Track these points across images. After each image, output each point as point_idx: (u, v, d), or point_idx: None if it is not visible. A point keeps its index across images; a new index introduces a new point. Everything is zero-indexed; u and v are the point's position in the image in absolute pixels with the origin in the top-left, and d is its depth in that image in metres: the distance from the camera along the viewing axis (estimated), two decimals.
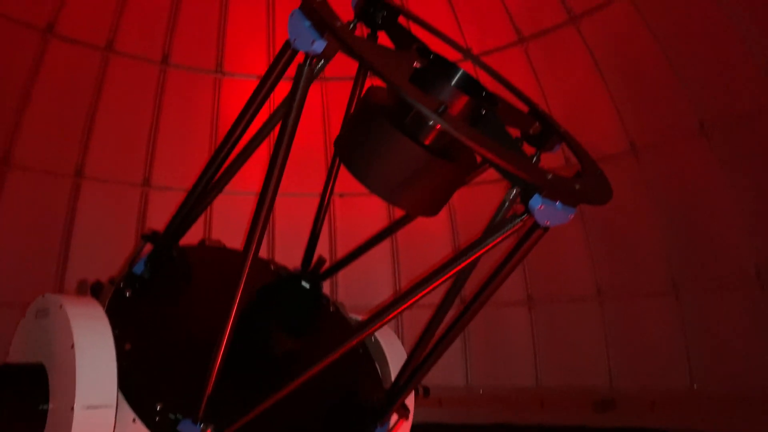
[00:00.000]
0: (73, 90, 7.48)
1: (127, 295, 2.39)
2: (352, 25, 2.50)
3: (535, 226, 2.03)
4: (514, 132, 2.63)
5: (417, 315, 3.58)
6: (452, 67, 2.29)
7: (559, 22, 7.14)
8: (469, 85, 2.28)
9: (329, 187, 2.97)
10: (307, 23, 2.08)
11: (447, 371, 8.08)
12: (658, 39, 6.60)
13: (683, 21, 6.57)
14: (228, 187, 2.91)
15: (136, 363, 2.23)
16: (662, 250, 7.15)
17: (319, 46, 2.05)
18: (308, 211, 8.58)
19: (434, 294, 2.19)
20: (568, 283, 7.96)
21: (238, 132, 2.41)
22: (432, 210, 2.30)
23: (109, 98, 7.65)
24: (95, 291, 2.51)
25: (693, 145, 6.70)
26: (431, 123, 1.93)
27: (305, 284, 2.86)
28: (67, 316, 2.19)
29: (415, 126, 2.07)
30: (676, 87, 6.63)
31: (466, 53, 2.87)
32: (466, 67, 2.34)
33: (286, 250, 7.34)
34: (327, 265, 2.95)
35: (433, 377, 2.72)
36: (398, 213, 2.86)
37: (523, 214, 2.02)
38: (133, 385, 2.19)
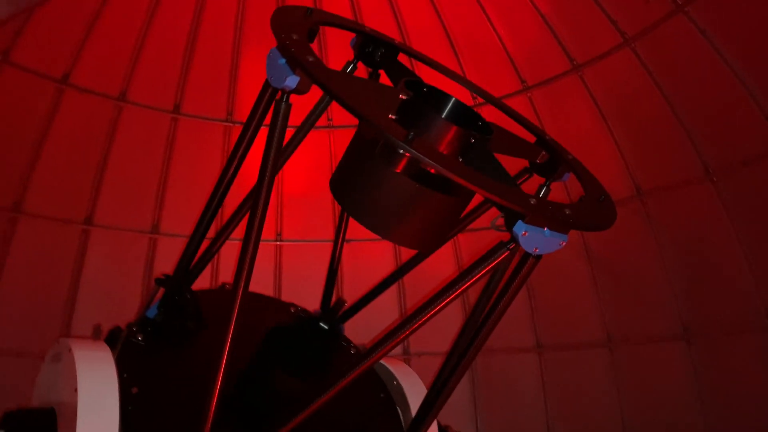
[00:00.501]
0: (85, 138, 7.63)
1: (139, 339, 2.41)
2: (352, 65, 2.57)
3: (527, 254, 1.99)
4: (523, 163, 2.65)
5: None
6: (441, 98, 2.30)
7: (563, 71, 7.28)
8: (462, 114, 2.29)
9: (342, 231, 3.00)
10: (282, 60, 2.12)
11: (457, 419, 7.93)
12: (661, 86, 6.71)
13: (684, 68, 6.69)
14: (235, 234, 2.97)
15: (141, 406, 2.22)
16: (671, 295, 7.10)
17: (292, 81, 2.09)
18: (315, 256, 8.66)
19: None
20: (577, 328, 7.89)
21: (230, 174, 2.45)
22: (426, 244, 2.27)
23: (120, 146, 7.80)
24: (112, 336, 2.53)
25: (699, 190, 6.73)
26: (401, 151, 1.90)
27: (323, 325, 2.86)
28: (74, 359, 2.21)
29: (390, 156, 2.06)
30: (680, 132, 6.71)
31: (466, 82, 2.90)
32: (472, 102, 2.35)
33: (294, 296, 7.30)
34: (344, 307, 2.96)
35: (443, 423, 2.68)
36: (405, 255, 2.87)
37: (509, 242, 1.98)
38: (137, 429, 2.18)
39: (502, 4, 7.26)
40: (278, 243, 8.67)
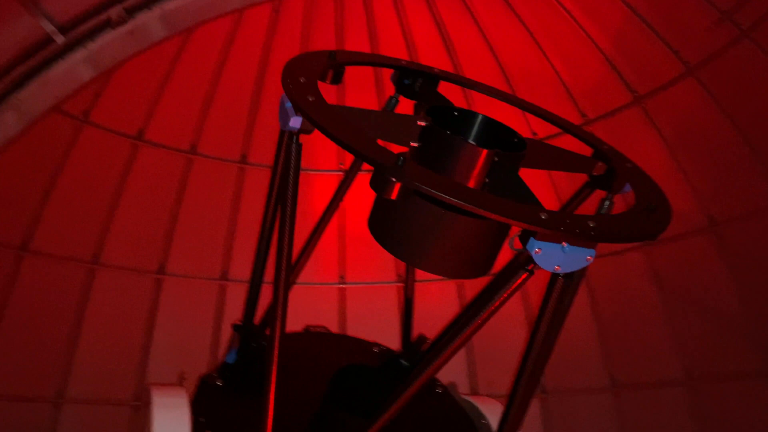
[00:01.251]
0: (158, 190, 7.99)
1: (218, 384, 2.49)
2: (394, 100, 2.61)
3: (555, 275, 1.86)
4: (583, 177, 2.57)
5: None
6: (467, 120, 2.28)
7: (624, 103, 7.17)
8: (493, 133, 2.25)
9: (409, 270, 3.03)
10: (289, 104, 2.18)
11: None
12: (729, 113, 6.51)
13: (753, 93, 6.48)
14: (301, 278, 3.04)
15: None
16: (753, 327, 6.77)
17: (296, 122, 2.15)
18: (381, 298, 8.64)
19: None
20: (580, 373, 7.68)
21: (269, 219, 2.50)
22: (465, 270, 2.19)
23: (190, 196, 8.11)
24: (204, 382, 2.63)
25: None
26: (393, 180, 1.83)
27: (404, 362, 2.85)
28: (152, 404, 2.31)
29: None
30: (752, 159, 6.46)
31: (512, 98, 2.88)
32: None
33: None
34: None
35: None
36: (469, 292, 2.86)
37: (528, 262, 1.87)
38: None
39: (556, 37, 7.24)
40: (341, 286, 8.75)
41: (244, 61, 7.67)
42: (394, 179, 1.78)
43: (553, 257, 1.80)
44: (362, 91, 7.62)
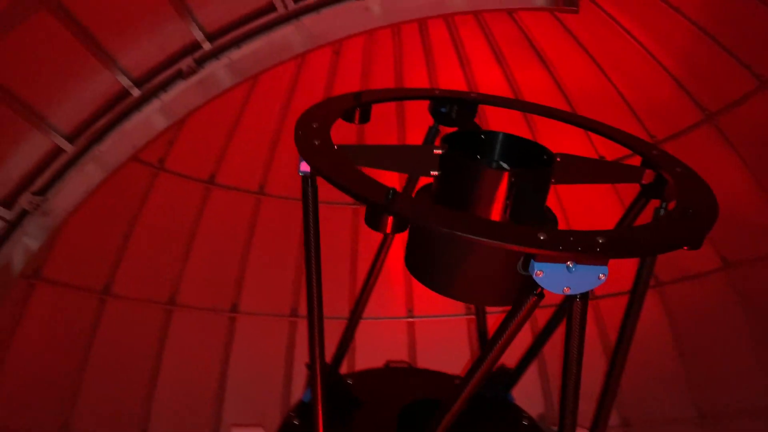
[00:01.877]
0: (229, 232, 8.24)
1: (296, 423, 2.52)
2: (434, 130, 2.63)
3: (570, 297, 1.78)
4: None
5: None
6: (489, 142, 2.27)
7: (695, 121, 6.94)
8: (519, 151, 2.23)
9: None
10: None
11: None
12: None
13: None
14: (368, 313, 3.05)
15: None
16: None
17: (305, 166, 2.24)
18: (450, 330, 8.55)
19: None
20: (665, 403, 7.40)
21: (313, 262, 2.52)
22: (491, 299, 2.14)
23: (260, 235, 8.32)
24: (284, 423, 2.67)
25: None
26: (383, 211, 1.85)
27: (488, 395, 2.82)
28: None
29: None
30: None
31: (560, 114, 2.81)
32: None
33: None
34: None
35: None
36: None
37: (536, 285, 1.79)
38: None
39: (617, 58, 7.11)
40: (410, 320, 8.71)
41: (308, 101, 7.86)
42: (384, 214, 1.81)
43: (559, 278, 1.73)
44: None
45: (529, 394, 7.95)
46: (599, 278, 1.73)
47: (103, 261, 7.48)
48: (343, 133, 2.62)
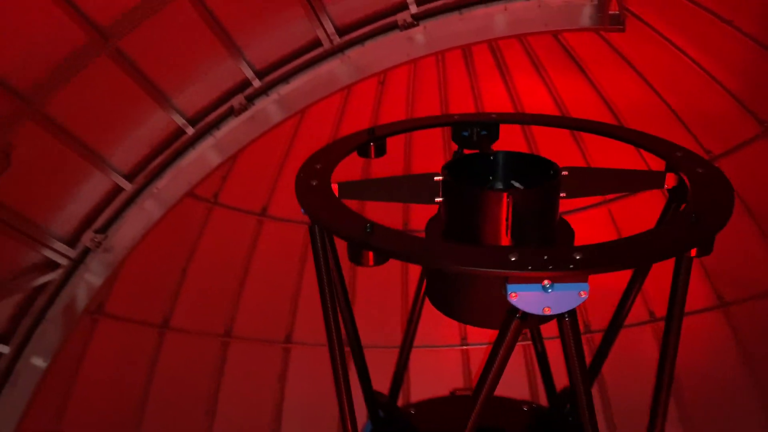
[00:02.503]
0: (283, 263, 8.35)
1: None
2: (459, 154, 2.62)
3: (561, 316, 1.75)
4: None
5: None
6: (494, 163, 2.27)
7: (753, 135, 6.72)
8: (524, 167, 2.22)
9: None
10: None
11: None
12: None
13: None
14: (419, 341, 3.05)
15: None
16: None
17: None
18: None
19: None
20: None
21: (335, 294, 2.57)
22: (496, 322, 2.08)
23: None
24: None
25: None
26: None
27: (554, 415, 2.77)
28: None
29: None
30: None
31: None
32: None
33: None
34: None
35: None
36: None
37: (514, 309, 1.76)
38: None
39: (667, 73, 6.98)
40: (464, 347, 8.60)
41: (355, 130, 8.00)
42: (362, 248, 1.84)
43: (536, 299, 1.69)
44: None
45: None
46: (580, 296, 1.68)
47: (161, 295, 7.68)
48: (351, 167, 2.71)
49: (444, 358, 8.36)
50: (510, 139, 2.82)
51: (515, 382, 7.45)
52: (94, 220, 6.49)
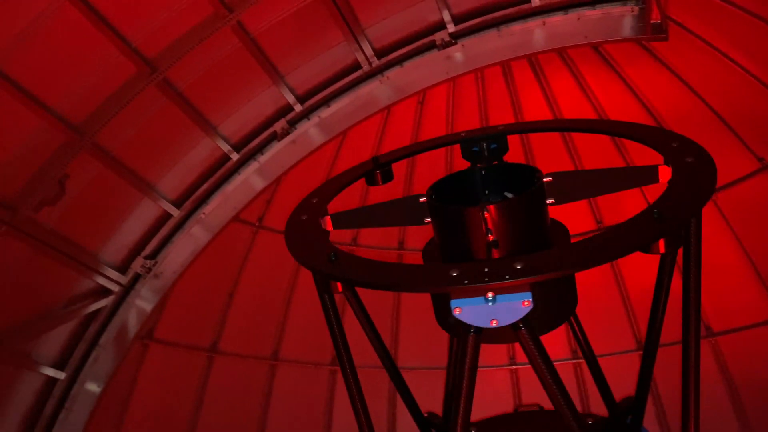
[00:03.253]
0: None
1: None
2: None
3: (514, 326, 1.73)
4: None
5: None
6: (474, 179, 2.32)
7: None
8: (514, 180, 2.24)
9: (581, 339, 2.94)
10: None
11: None
12: None
13: None
14: None
15: None
16: None
17: None
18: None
19: None
20: None
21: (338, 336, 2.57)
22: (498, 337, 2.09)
23: None
24: None
25: None
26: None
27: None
28: None
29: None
30: None
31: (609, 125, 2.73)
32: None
33: None
34: None
35: None
36: None
37: (469, 328, 1.74)
38: None
39: (713, 80, 6.81)
40: (513, 367, 8.45)
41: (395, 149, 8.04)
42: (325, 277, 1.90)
43: (481, 312, 1.67)
44: None
45: None
46: (523, 305, 1.66)
47: (209, 319, 7.78)
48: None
49: (492, 378, 8.23)
50: (551, 148, 2.81)
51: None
52: (144, 247, 6.64)
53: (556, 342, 8.07)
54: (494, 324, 1.74)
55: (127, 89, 5.50)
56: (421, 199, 2.32)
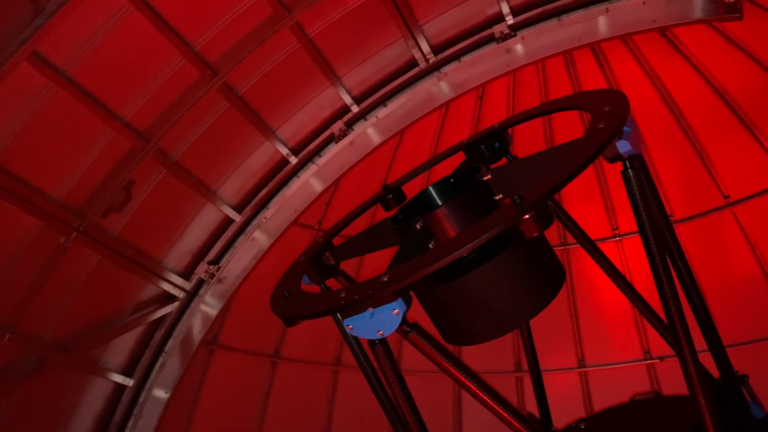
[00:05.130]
0: None
1: None
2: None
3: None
4: None
5: None
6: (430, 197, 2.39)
7: None
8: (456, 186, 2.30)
9: None
10: None
11: None
12: None
13: None
14: None
15: None
16: None
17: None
18: (624, 377, 7.90)
19: None
20: None
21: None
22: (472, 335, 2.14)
23: None
24: None
25: None
26: None
27: None
28: None
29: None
30: None
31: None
32: None
33: None
34: None
35: None
36: None
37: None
38: None
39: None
40: (581, 370, 8.17)
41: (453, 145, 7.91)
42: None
43: (367, 326, 1.79)
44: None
45: None
46: (394, 314, 1.77)
47: (273, 325, 7.75)
48: None
49: (562, 381, 7.97)
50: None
51: None
52: (207, 252, 6.67)
53: (629, 342, 7.78)
54: (381, 335, 1.85)
55: (189, 94, 5.53)
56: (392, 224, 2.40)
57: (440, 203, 2.39)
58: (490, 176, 2.24)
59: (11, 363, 5.37)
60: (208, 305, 6.72)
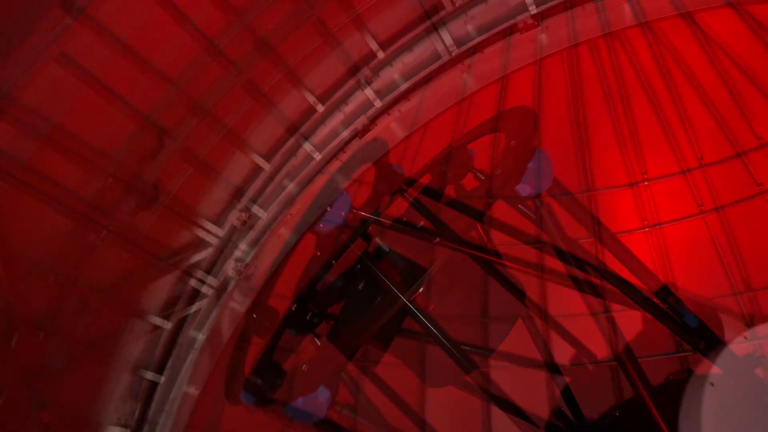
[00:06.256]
0: None
1: None
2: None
3: None
4: None
5: None
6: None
7: None
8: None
9: None
10: None
11: None
12: None
13: None
14: None
15: None
16: None
17: None
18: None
19: None
20: None
21: None
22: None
23: None
24: None
25: None
26: None
27: None
28: None
29: None
30: None
31: None
32: None
33: None
34: None
35: None
36: None
37: None
38: None
39: None
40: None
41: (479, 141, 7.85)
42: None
43: None
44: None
45: None
46: None
47: None
48: None
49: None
50: None
51: None
52: (234, 249, 6.69)
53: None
54: None
55: (214, 91, 5.57)
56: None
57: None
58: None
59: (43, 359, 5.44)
60: (236, 302, 6.73)
